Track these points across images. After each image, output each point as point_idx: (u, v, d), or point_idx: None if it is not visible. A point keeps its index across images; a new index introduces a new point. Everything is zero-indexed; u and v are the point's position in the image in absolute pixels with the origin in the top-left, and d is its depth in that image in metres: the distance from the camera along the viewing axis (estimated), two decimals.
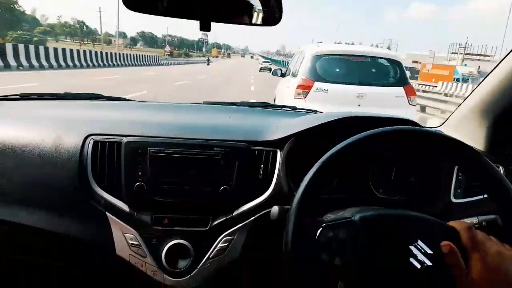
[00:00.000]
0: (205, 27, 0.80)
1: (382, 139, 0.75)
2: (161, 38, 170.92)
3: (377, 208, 0.75)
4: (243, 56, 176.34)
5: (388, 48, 73.10)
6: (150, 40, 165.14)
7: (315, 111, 1.68)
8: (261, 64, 47.20)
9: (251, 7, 0.82)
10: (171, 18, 0.81)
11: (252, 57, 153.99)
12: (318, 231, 0.70)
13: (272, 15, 0.83)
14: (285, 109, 1.66)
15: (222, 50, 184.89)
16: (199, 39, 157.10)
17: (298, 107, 1.70)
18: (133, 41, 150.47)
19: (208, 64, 44.94)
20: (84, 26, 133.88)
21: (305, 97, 4.88)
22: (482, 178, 0.74)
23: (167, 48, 63.29)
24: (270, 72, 39.49)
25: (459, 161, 0.78)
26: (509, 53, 1.13)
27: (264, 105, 1.67)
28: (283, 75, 6.64)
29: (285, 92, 5.64)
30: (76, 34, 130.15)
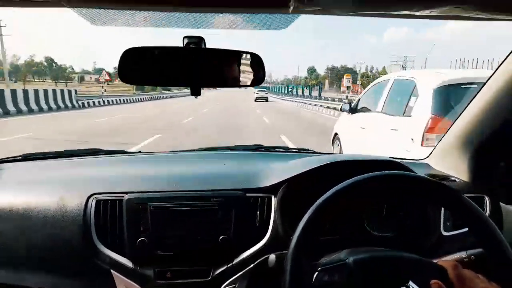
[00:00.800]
0: (195, 93, 0.87)
1: (365, 185, 0.79)
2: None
3: (369, 250, 0.79)
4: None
5: (403, 67, 66.81)
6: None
7: (306, 150, 1.74)
8: (256, 93, 44.11)
9: (237, 72, 0.89)
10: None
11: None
12: (314, 276, 0.74)
13: (257, 76, 0.90)
14: (278, 150, 1.72)
15: None
16: None
17: (290, 147, 1.76)
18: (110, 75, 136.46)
19: (196, 97, 45.27)
20: (53, 64, 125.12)
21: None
22: (463, 216, 0.78)
23: (102, 77, 35.29)
24: (266, 101, 34.54)
25: (441, 201, 0.82)
26: (485, 83, 1.20)
27: (257, 147, 1.73)
28: (353, 110, 5.50)
29: (379, 134, 4.43)
30: (44, 73, 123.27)
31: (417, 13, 0.62)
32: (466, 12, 0.61)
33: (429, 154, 1.56)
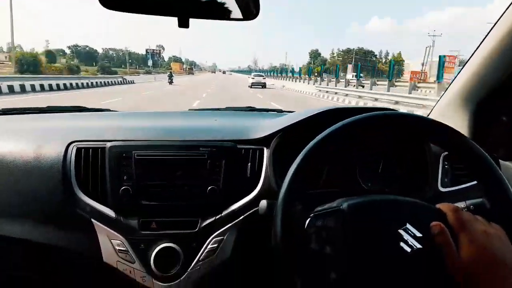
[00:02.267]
0: (183, 24, 0.80)
1: (365, 125, 0.75)
2: (102, 53, 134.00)
3: (365, 196, 0.75)
4: (214, 72, 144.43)
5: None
6: (85, 55, 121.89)
7: None
8: (252, 78, 35.06)
9: (228, 2, 0.82)
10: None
11: (224, 73, 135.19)
12: (307, 221, 0.70)
13: (249, 9, 0.84)
14: (271, 111, 1.67)
15: (184, 66, 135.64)
16: (146, 50, 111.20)
17: (284, 109, 1.71)
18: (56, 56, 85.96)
19: (170, 83, 31.96)
20: None
21: None
22: (470, 161, 0.75)
23: None
24: (263, 87, 29.68)
25: (448, 146, 0.78)
26: (484, 39, 1.15)
27: (250, 109, 1.68)
28: None
29: None
30: None
31: None
32: None
33: (430, 112, 1.52)
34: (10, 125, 1.29)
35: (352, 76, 36.12)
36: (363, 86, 25.56)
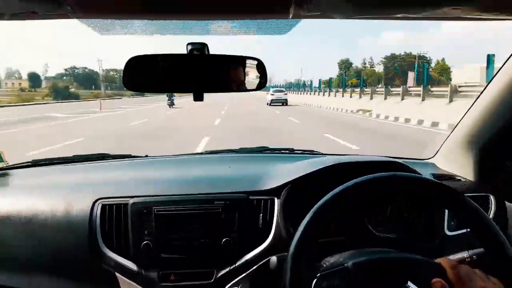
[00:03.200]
0: (198, 98, 0.89)
1: (366, 187, 0.80)
2: (103, 74, 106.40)
3: (369, 252, 0.80)
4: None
5: None
6: (83, 78, 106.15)
7: (311, 151, 1.75)
8: (271, 94, 29.80)
9: (239, 76, 0.91)
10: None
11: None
12: (314, 281, 0.74)
13: (259, 81, 0.92)
14: (283, 152, 1.73)
15: None
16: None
17: (295, 148, 1.77)
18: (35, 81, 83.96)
19: (171, 105, 25.68)
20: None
21: None
22: (464, 216, 0.79)
23: None
24: (285, 104, 25.81)
25: (441, 202, 0.83)
26: (491, 80, 1.20)
27: (263, 149, 1.74)
28: None
29: None
30: None
31: (414, 15, 0.64)
32: (463, 13, 0.62)
33: (435, 154, 1.56)
34: (40, 178, 1.38)
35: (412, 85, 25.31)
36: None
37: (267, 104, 29.25)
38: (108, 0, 0.63)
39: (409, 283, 0.71)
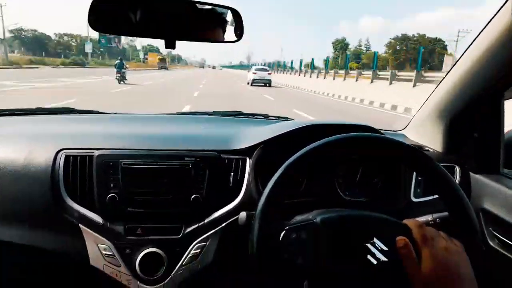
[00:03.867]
0: (170, 45, 0.84)
1: (338, 146, 0.80)
2: (55, 39, 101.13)
3: (338, 210, 0.81)
4: (203, 67, 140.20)
5: None
6: (32, 42, 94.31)
7: (286, 118, 1.74)
8: (254, 73, 26.81)
9: (214, 25, 0.87)
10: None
11: (214, 68, 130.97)
12: (282, 234, 0.75)
13: (235, 32, 0.88)
14: (258, 117, 1.71)
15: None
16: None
17: (270, 114, 1.76)
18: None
19: (121, 80, 20.91)
20: None
21: None
22: (433, 181, 0.80)
23: None
24: (268, 85, 23.38)
25: (413, 166, 0.84)
26: (460, 57, 1.21)
27: (237, 113, 1.71)
28: None
29: None
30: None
31: None
32: None
33: (406, 126, 1.59)
34: (1, 128, 1.31)
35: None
36: None
37: (248, 83, 26.86)
38: None
39: (375, 239, 0.72)
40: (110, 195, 1.04)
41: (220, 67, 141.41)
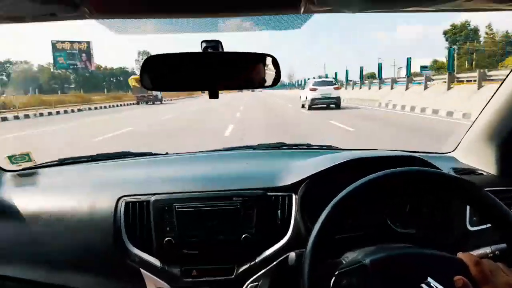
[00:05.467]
0: (213, 95, 0.90)
1: (383, 182, 0.79)
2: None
3: (388, 247, 0.79)
4: (241, 91, 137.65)
5: None
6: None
7: (329, 147, 1.73)
8: (313, 89, 17.65)
9: (253, 74, 0.91)
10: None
11: (252, 90, 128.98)
12: (332, 280, 0.74)
13: (271, 77, 0.92)
14: (301, 147, 1.72)
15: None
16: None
17: (312, 144, 1.76)
18: None
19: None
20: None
21: None
22: (484, 211, 0.77)
23: None
24: (337, 107, 17.23)
25: (460, 196, 0.81)
26: (508, 75, 1.17)
27: (280, 145, 1.74)
28: None
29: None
30: None
31: (426, 8, 0.63)
32: (476, 4, 0.60)
33: (456, 147, 1.52)
34: (66, 177, 1.43)
35: None
36: None
37: (303, 106, 18.70)
38: (122, 1, 0.65)
39: (429, 279, 0.69)
40: (166, 238, 1.10)
41: (259, 89, 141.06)
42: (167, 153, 1.74)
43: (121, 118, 16.73)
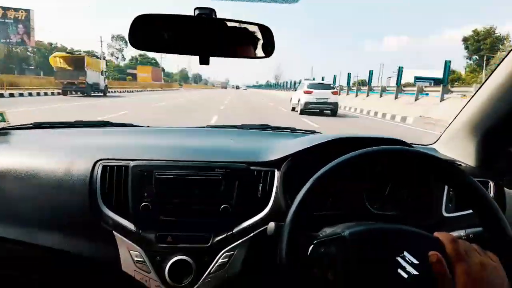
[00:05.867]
0: (204, 61, 0.89)
1: (371, 158, 0.81)
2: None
3: (367, 223, 0.80)
4: (225, 88, 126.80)
5: None
6: None
7: (313, 132, 1.75)
8: (308, 91, 15.86)
9: (246, 42, 0.90)
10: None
11: (237, 88, 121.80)
12: (310, 247, 0.75)
13: (266, 48, 0.92)
14: (285, 130, 1.74)
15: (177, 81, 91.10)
16: None
17: (297, 128, 1.77)
18: None
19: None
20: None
21: None
22: (467, 195, 0.79)
23: None
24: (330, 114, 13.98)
25: (446, 180, 0.83)
26: (494, 70, 1.20)
27: (265, 127, 1.74)
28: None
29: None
30: None
31: None
32: None
33: (437, 139, 1.56)
34: (42, 139, 1.40)
35: None
36: None
37: (294, 109, 17.06)
38: None
39: (406, 253, 0.70)
40: (143, 203, 1.08)
41: (244, 87, 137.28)
42: (148, 126, 1.72)
43: None
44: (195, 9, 0.85)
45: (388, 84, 41.30)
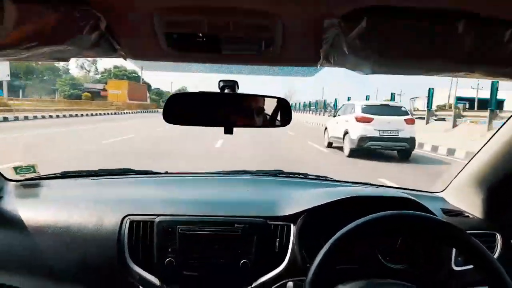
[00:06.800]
0: (228, 131, 0.97)
1: (381, 224, 0.88)
2: None
3: (379, 283, 0.86)
4: None
5: None
6: None
7: (325, 177, 1.80)
8: (364, 119, 9.15)
9: (266, 115, 0.99)
10: None
11: None
12: None
13: (283, 118, 1.00)
14: (297, 176, 1.79)
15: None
16: None
17: (309, 174, 1.83)
18: None
19: None
20: None
21: None
22: (468, 254, 0.85)
23: None
24: (404, 155, 8.91)
25: (446, 239, 0.90)
26: (505, 122, 1.25)
27: (278, 172, 1.80)
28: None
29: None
30: None
31: (434, 73, 0.71)
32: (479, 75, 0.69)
33: (445, 188, 1.60)
34: (70, 190, 1.47)
35: None
36: None
37: (330, 145, 11.23)
38: (152, 48, 0.72)
39: None
40: (168, 259, 1.15)
41: None
42: (166, 172, 1.79)
43: None
44: (220, 81, 0.95)
45: (412, 106, 36.77)
